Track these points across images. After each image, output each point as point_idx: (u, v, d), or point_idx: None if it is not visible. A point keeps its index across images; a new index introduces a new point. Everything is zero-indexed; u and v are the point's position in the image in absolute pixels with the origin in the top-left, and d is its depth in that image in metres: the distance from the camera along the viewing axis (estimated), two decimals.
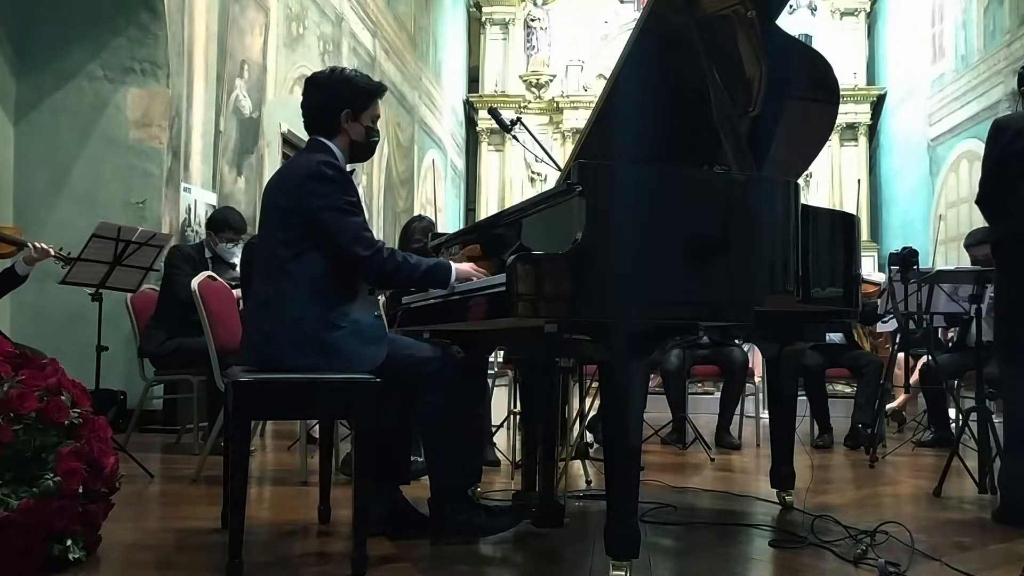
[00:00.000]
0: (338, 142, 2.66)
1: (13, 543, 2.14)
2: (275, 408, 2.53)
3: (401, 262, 2.54)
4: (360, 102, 2.68)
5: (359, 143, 2.70)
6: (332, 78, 2.70)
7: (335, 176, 2.53)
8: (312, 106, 2.69)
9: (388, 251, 2.54)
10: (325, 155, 2.59)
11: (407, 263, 2.55)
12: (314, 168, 2.53)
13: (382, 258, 2.51)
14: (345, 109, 2.65)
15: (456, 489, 2.66)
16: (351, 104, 2.66)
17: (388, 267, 2.52)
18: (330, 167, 2.54)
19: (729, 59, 2.77)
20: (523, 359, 3.25)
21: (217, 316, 3.28)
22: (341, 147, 2.66)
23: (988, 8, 9.34)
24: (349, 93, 2.67)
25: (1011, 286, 3.12)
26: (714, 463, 4.49)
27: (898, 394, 6.12)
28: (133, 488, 3.34)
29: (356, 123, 2.67)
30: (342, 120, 2.65)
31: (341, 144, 2.66)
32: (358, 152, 2.73)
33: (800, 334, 3.23)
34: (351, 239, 2.49)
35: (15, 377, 2.29)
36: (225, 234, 4.83)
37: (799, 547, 2.64)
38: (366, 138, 2.71)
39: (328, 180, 2.51)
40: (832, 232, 2.72)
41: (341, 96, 2.66)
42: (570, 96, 13.54)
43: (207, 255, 4.86)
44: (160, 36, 5.49)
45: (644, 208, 2.15)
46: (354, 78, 2.70)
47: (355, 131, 2.68)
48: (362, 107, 2.68)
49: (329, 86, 2.68)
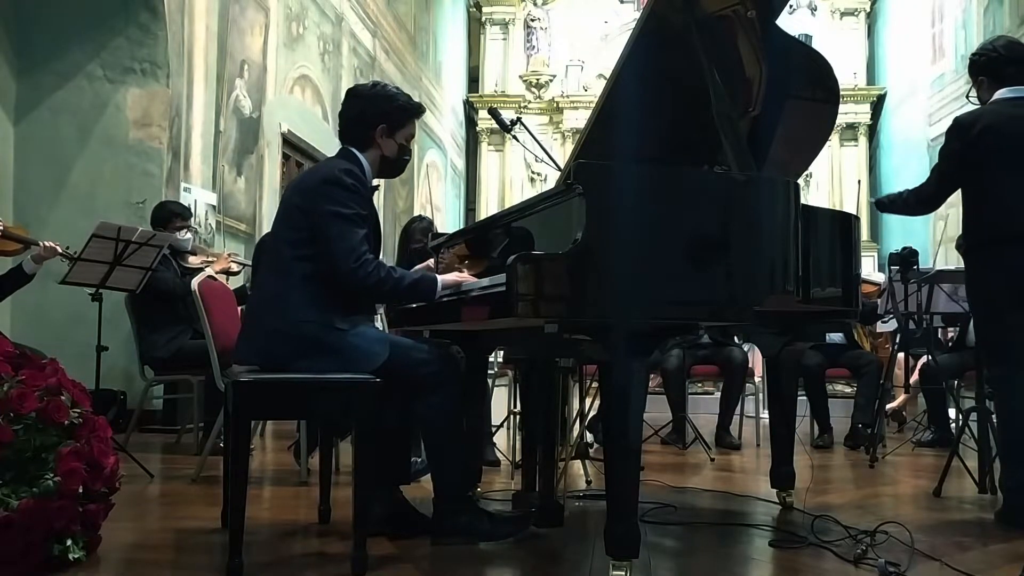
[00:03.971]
0: (369, 155, 2.67)
1: (13, 543, 2.14)
2: (275, 408, 2.53)
3: (384, 277, 2.50)
4: (397, 119, 2.69)
5: (390, 159, 2.71)
6: (374, 92, 2.71)
7: (352, 185, 2.53)
8: (349, 117, 2.70)
9: (375, 266, 2.50)
10: (350, 164, 2.60)
11: (390, 277, 2.52)
12: (334, 174, 2.54)
13: (366, 272, 2.47)
14: (381, 124, 2.66)
15: (457, 490, 2.66)
16: (388, 120, 2.67)
17: (371, 281, 2.48)
18: (350, 175, 2.54)
19: (729, 59, 2.76)
20: (523, 359, 3.25)
21: (217, 316, 3.27)
22: (371, 161, 2.67)
23: (988, 8, 9.34)
24: (388, 108, 2.68)
25: (994, 287, 3.09)
26: (714, 463, 4.49)
27: (898, 394, 6.12)
28: (133, 488, 3.34)
29: (390, 139, 2.68)
30: (376, 134, 2.66)
31: (371, 158, 2.67)
32: (387, 168, 2.74)
33: (800, 334, 3.22)
34: (345, 247, 2.47)
35: (15, 377, 2.29)
36: (174, 223, 4.79)
37: (799, 547, 2.63)
38: (398, 155, 2.72)
39: (344, 187, 2.52)
40: (832, 232, 2.72)
41: (380, 110, 2.66)
42: (570, 96, 13.55)
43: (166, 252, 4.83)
44: (160, 36, 5.49)
45: (644, 208, 2.15)
46: (395, 95, 2.72)
47: (388, 147, 2.69)
48: (399, 124, 2.69)
49: (369, 99, 2.69)
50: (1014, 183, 3.04)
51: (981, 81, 3.23)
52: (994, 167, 3.07)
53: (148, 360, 4.55)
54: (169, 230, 4.70)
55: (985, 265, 3.11)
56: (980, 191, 3.13)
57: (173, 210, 4.88)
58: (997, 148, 3.06)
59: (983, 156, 3.08)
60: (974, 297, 3.25)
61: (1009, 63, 3.15)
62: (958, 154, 3.14)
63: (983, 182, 3.11)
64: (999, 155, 3.06)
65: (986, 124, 3.09)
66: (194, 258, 4.91)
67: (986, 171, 3.09)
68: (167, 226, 4.75)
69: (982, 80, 3.22)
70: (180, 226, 4.82)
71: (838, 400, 5.99)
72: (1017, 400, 3.06)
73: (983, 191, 3.12)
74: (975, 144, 3.09)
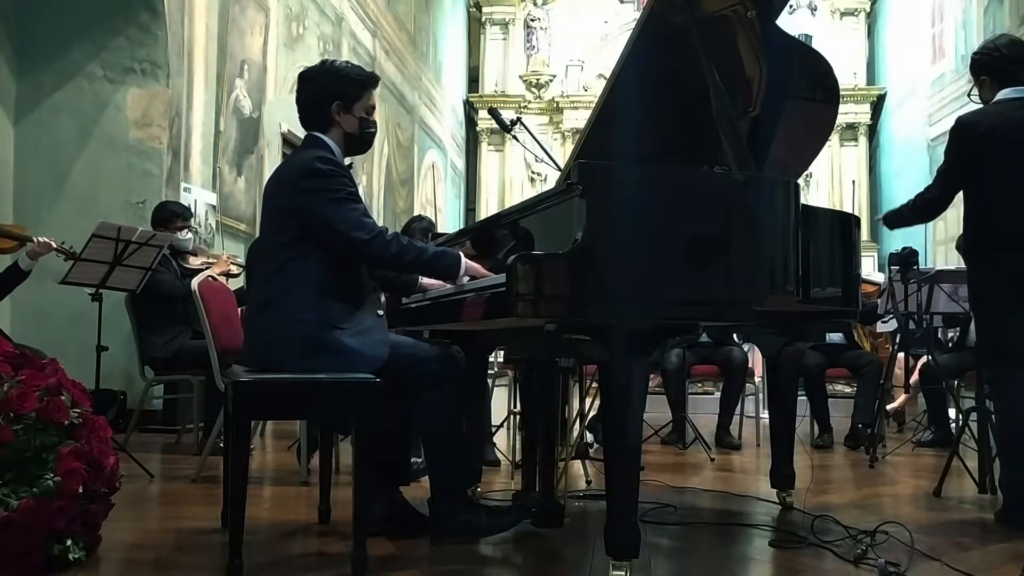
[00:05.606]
0: (332, 135, 2.62)
1: (13, 543, 2.13)
2: (275, 408, 2.53)
3: (407, 244, 2.50)
4: (350, 93, 2.63)
5: (353, 135, 2.65)
6: (322, 71, 2.66)
7: (329, 170, 2.50)
8: (304, 101, 2.66)
9: (392, 234, 2.50)
10: (319, 150, 2.56)
11: (412, 246, 2.51)
12: (308, 165, 2.50)
13: (385, 240, 2.46)
14: (335, 101, 2.61)
15: (456, 489, 2.66)
16: (341, 96, 2.62)
17: (392, 248, 2.47)
18: (324, 162, 2.51)
19: (729, 59, 2.76)
20: (523, 359, 3.25)
21: (217, 316, 3.27)
22: (336, 140, 2.62)
23: (988, 8, 9.34)
24: (339, 84, 2.63)
25: (996, 289, 3.09)
26: (714, 463, 4.49)
27: (898, 394, 6.12)
28: (133, 488, 3.34)
29: (348, 115, 2.63)
30: (333, 112, 2.61)
31: (335, 137, 2.63)
32: (354, 144, 2.68)
33: (800, 334, 3.22)
34: (352, 226, 2.45)
35: (15, 377, 2.29)
36: (175, 224, 4.79)
37: (799, 547, 2.63)
38: (360, 130, 2.66)
39: (323, 175, 2.48)
40: (832, 232, 2.72)
41: (331, 88, 2.62)
42: (570, 96, 13.55)
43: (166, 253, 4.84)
44: (160, 36, 5.49)
45: (644, 208, 2.15)
46: (343, 69, 2.66)
47: (348, 123, 2.63)
48: (353, 98, 2.63)
49: (319, 79, 2.65)
50: (1016, 184, 3.04)
51: (983, 80, 3.22)
52: (997, 168, 3.07)
53: (148, 360, 4.55)
54: (170, 230, 4.70)
55: (986, 266, 3.11)
56: (982, 192, 3.13)
57: (174, 210, 4.88)
58: (1000, 149, 3.06)
59: (986, 157, 3.08)
60: (975, 297, 3.25)
61: (1011, 62, 3.14)
62: (962, 155, 3.14)
63: (985, 183, 3.11)
64: (1002, 156, 3.06)
65: (990, 125, 3.08)
66: (194, 259, 4.91)
67: (988, 172, 3.09)
68: (168, 226, 4.75)
69: (984, 79, 3.22)
70: (181, 226, 4.82)
71: (838, 400, 5.99)
72: (1017, 400, 3.06)
73: (985, 192, 3.12)
74: (978, 145, 3.09)
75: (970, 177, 3.14)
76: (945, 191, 3.25)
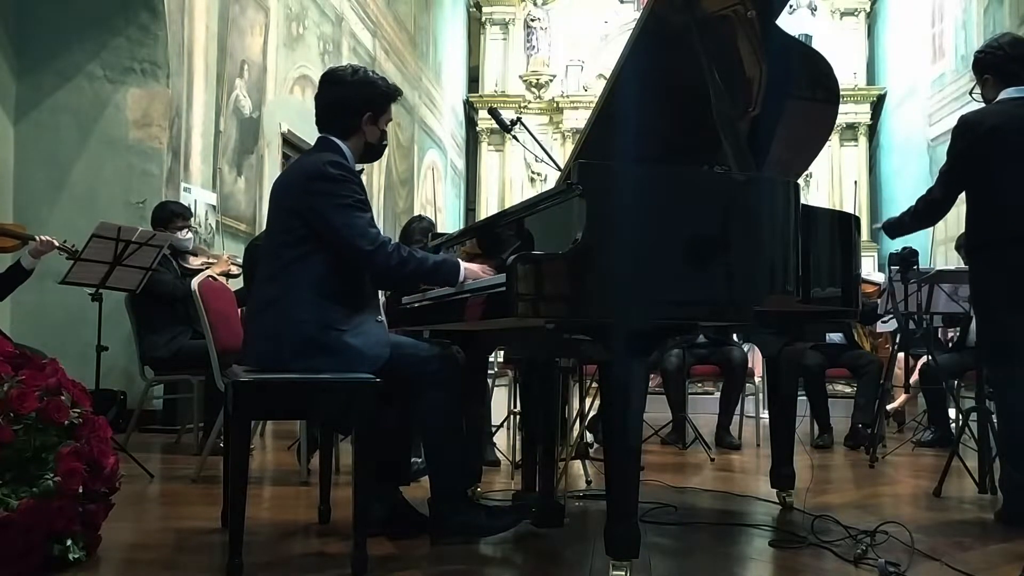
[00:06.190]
0: (352, 143, 2.63)
1: (13, 543, 2.13)
2: (275, 408, 2.53)
3: (407, 256, 2.50)
4: (382, 106, 2.66)
5: (372, 145, 2.68)
6: (354, 78, 2.64)
7: (340, 175, 2.50)
8: (329, 104, 2.64)
9: (394, 246, 2.50)
10: (333, 154, 2.56)
11: (413, 257, 2.51)
12: (320, 168, 2.51)
13: (387, 252, 2.47)
14: (367, 112, 2.62)
15: (456, 489, 2.66)
16: (373, 107, 2.63)
17: (393, 261, 2.48)
18: (336, 166, 2.51)
19: (729, 59, 2.76)
20: (523, 359, 3.25)
21: (217, 316, 3.27)
22: (354, 148, 2.63)
23: (988, 8, 9.34)
24: (373, 95, 2.64)
25: (995, 289, 3.09)
26: (714, 463, 4.49)
27: (898, 394, 6.12)
28: (133, 488, 3.34)
29: (374, 126, 2.65)
30: (362, 122, 2.62)
31: (354, 145, 2.64)
32: (369, 154, 2.70)
33: (800, 334, 3.22)
34: (356, 233, 2.46)
35: (15, 377, 2.29)
36: (175, 224, 4.79)
37: (799, 547, 2.63)
38: (379, 141, 2.69)
39: (333, 179, 2.48)
40: (832, 232, 2.72)
41: (364, 98, 2.62)
42: (570, 96, 13.54)
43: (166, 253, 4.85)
44: (160, 36, 5.49)
45: (644, 208, 2.15)
46: (378, 81, 2.67)
47: (371, 134, 2.65)
48: (382, 111, 2.66)
49: (353, 87, 2.63)
50: (1018, 184, 3.04)
51: (986, 79, 3.22)
52: (999, 168, 3.07)
53: (148, 360, 4.55)
54: (170, 230, 4.70)
55: (988, 265, 3.11)
56: (984, 191, 3.13)
57: (174, 210, 4.88)
58: (1003, 149, 3.06)
59: (988, 156, 3.08)
60: (976, 297, 3.25)
61: (1014, 61, 3.14)
62: (965, 153, 3.14)
63: (987, 182, 3.11)
64: (1004, 156, 3.06)
65: (993, 124, 3.08)
66: (194, 259, 4.91)
67: (991, 171, 3.09)
68: (168, 226, 4.75)
69: (987, 78, 3.21)
70: (181, 226, 4.82)
71: (838, 400, 5.99)
72: (1017, 400, 3.06)
73: (987, 191, 3.12)
74: (981, 144, 3.09)
75: (973, 176, 3.14)
76: (948, 191, 3.24)
